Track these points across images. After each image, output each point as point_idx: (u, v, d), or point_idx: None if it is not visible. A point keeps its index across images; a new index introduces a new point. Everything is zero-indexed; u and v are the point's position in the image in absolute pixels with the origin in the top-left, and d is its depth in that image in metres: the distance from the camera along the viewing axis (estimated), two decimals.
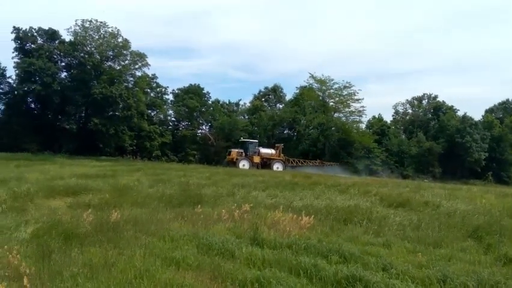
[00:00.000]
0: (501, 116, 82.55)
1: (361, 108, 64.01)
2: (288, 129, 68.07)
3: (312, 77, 64.56)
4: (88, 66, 51.67)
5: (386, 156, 67.06)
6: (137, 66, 56.20)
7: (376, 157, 64.27)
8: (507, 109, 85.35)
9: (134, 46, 55.52)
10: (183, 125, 67.63)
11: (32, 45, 52.30)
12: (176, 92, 67.98)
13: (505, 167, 72.35)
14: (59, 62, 54.78)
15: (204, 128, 68.89)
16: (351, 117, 65.01)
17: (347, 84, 63.27)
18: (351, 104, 64.03)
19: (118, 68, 55.05)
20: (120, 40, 54.17)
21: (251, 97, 74.73)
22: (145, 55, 55.74)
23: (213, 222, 10.53)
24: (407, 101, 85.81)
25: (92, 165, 32.50)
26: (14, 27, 51.33)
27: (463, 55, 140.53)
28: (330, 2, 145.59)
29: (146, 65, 56.46)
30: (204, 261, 7.18)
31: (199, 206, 12.17)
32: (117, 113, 53.91)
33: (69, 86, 52.33)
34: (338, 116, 65.50)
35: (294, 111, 64.01)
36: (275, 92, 73.03)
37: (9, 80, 53.78)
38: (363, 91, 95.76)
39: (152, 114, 63.59)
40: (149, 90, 63.27)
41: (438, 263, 7.77)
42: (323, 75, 63.97)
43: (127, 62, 55.55)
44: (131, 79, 56.57)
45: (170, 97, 68.13)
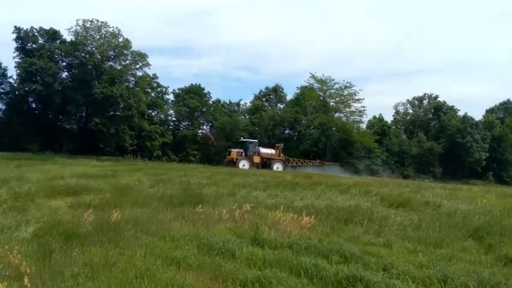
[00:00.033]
0: (502, 116, 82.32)
1: (362, 108, 64.10)
2: (289, 129, 67.95)
3: (312, 77, 64.62)
4: (89, 66, 51.68)
5: (387, 156, 66.98)
6: (138, 66, 56.24)
7: (377, 157, 64.20)
8: (508, 109, 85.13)
9: (135, 46, 55.68)
10: (184, 125, 67.56)
11: (33, 45, 52.34)
12: (177, 91, 68.02)
13: (505, 167, 72.15)
14: (60, 61, 54.84)
15: (205, 128, 68.91)
16: (352, 117, 65.03)
17: (348, 84, 63.32)
18: (352, 104, 64.05)
19: (119, 67, 55.06)
20: (121, 40, 54.20)
21: (252, 97, 74.83)
22: (145, 55, 55.86)
23: (213, 222, 10.52)
24: (408, 101, 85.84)
25: (92, 165, 32.50)
26: (15, 27, 51.51)
27: (463, 55, 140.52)
28: (330, 1, 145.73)
29: (147, 64, 56.56)
30: (205, 261, 7.18)
31: (200, 205, 12.17)
32: (118, 113, 53.96)
33: (70, 86, 52.38)
34: (338, 116, 65.41)
35: (294, 111, 63.89)
36: (276, 92, 72.96)
37: (10, 79, 53.96)
38: (364, 91, 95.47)
39: (153, 114, 63.56)
40: (150, 90, 63.24)
41: (439, 263, 7.77)
42: (323, 75, 64.03)
43: (127, 61, 55.57)
44: (132, 79, 56.57)
45: (171, 97, 68.25)
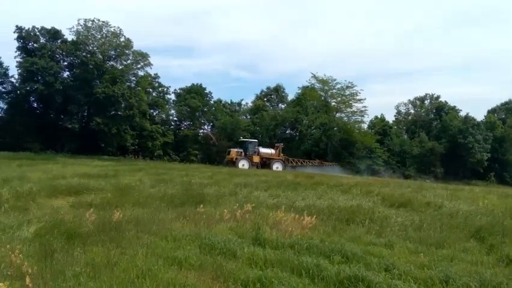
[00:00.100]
0: (503, 116, 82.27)
1: (363, 108, 63.99)
2: (290, 129, 67.95)
3: (314, 77, 64.64)
4: (90, 66, 51.58)
5: (388, 157, 67.02)
6: (139, 66, 56.10)
7: (378, 157, 64.20)
8: (509, 110, 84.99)
9: (136, 46, 55.64)
10: (185, 125, 67.60)
11: (34, 45, 52.32)
12: (178, 91, 68.06)
13: (507, 167, 72.10)
14: (62, 61, 54.74)
15: (206, 127, 68.93)
16: (353, 117, 64.94)
17: (349, 84, 63.30)
18: (353, 104, 63.99)
19: (120, 67, 54.94)
20: (122, 40, 54.08)
21: (253, 97, 74.94)
22: (147, 55, 55.72)
23: (215, 222, 10.52)
24: (409, 101, 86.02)
25: (94, 164, 32.51)
26: (16, 26, 51.48)
27: (465, 55, 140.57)
28: (330, 1, 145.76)
29: (149, 64, 56.39)
30: (206, 261, 7.18)
31: (201, 205, 12.18)
32: (119, 113, 53.95)
33: (71, 86, 52.30)
34: (340, 116, 65.33)
35: (296, 111, 63.83)
36: (277, 92, 72.93)
37: (12, 79, 53.86)
38: (365, 91, 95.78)
39: (154, 113, 63.61)
40: (151, 89, 63.31)
41: (441, 263, 7.77)
42: (325, 75, 64.01)
43: (129, 61, 55.43)
44: (133, 79, 56.47)
45: (173, 97, 68.27)
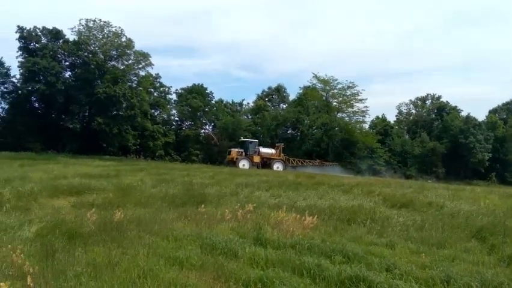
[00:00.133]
0: (505, 116, 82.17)
1: (364, 109, 63.92)
2: (291, 129, 67.90)
3: (315, 77, 64.60)
4: (92, 66, 51.66)
5: (389, 157, 66.99)
6: (140, 66, 56.16)
7: (379, 157, 64.19)
8: (511, 110, 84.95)
9: (136, 46, 55.63)
10: (186, 125, 67.67)
11: (36, 45, 52.38)
12: (179, 91, 68.13)
13: (508, 167, 72.00)
14: (63, 61, 54.76)
15: (207, 127, 69.01)
16: (355, 117, 64.89)
17: (351, 84, 63.26)
18: (355, 104, 63.92)
19: (122, 67, 54.97)
20: (124, 40, 54.08)
21: (254, 97, 74.91)
22: (148, 55, 55.73)
23: (216, 222, 10.51)
24: (411, 101, 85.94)
25: (95, 164, 32.52)
26: (18, 26, 51.49)
27: (465, 55, 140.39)
28: (330, 1, 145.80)
29: (150, 64, 56.42)
30: (208, 261, 7.17)
31: (203, 205, 12.17)
32: (121, 113, 53.98)
33: (73, 86, 52.36)
34: (341, 116, 65.29)
35: (297, 111, 63.82)
36: (278, 91, 72.92)
37: (14, 79, 53.95)
38: (367, 91, 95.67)
39: (155, 113, 63.66)
40: (152, 89, 63.37)
41: (442, 263, 7.76)
42: (326, 75, 63.95)
43: (130, 61, 55.44)
44: (134, 79, 56.53)
45: (174, 97, 68.32)
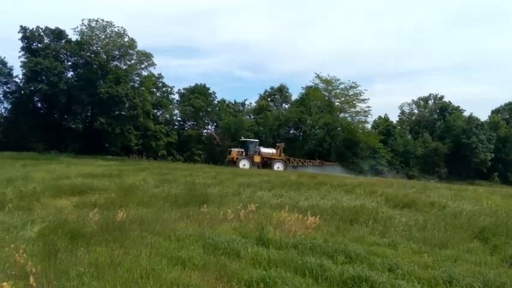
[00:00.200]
0: (507, 116, 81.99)
1: (367, 109, 64.07)
2: (294, 129, 67.95)
3: (318, 77, 64.64)
4: (94, 66, 51.76)
5: (392, 157, 66.88)
6: (143, 66, 56.24)
7: (382, 157, 64.14)
8: None
9: (138, 46, 55.72)
10: (189, 125, 67.70)
11: (38, 45, 52.51)
12: (182, 91, 68.15)
13: (511, 167, 71.83)
14: (66, 61, 54.94)
15: (210, 127, 69.09)
16: (357, 118, 65.00)
17: (353, 84, 63.36)
18: (357, 104, 64.04)
19: (124, 67, 55.11)
20: (126, 40, 54.20)
21: (257, 97, 74.88)
22: (151, 55, 55.81)
23: (218, 222, 10.50)
24: (413, 101, 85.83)
25: (98, 164, 32.58)
26: (21, 26, 51.65)
27: (465, 55, 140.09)
28: (330, 1, 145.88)
29: (152, 64, 56.54)
30: (210, 261, 7.17)
31: (205, 205, 12.16)
32: (123, 113, 54.03)
33: (75, 86, 52.48)
34: (343, 116, 65.38)
35: (299, 111, 63.87)
36: (281, 91, 72.88)
37: (16, 79, 54.24)
38: (369, 91, 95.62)
39: (158, 113, 63.72)
40: (155, 89, 63.43)
41: (444, 264, 7.75)
42: (328, 75, 64.06)
43: (133, 61, 55.56)
44: (137, 79, 56.61)
45: (176, 97, 68.36)
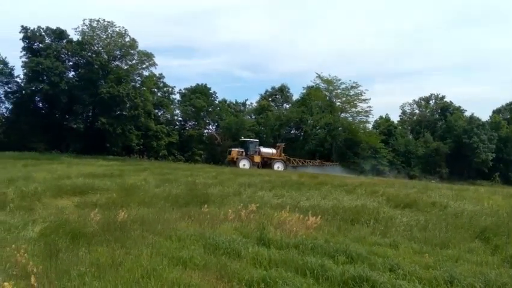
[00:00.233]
0: (508, 116, 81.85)
1: (368, 109, 64.11)
2: (295, 129, 67.95)
3: (319, 77, 64.70)
4: (96, 66, 51.80)
5: (393, 157, 66.85)
6: (144, 66, 56.29)
7: (383, 157, 64.11)
8: None
9: (140, 46, 55.77)
10: (190, 125, 67.73)
11: (40, 45, 52.62)
12: (183, 91, 68.27)
13: None
14: (67, 61, 55.06)
15: (211, 127, 69.14)
16: (358, 118, 65.03)
17: (354, 84, 63.41)
18: (358, 104, 64.10)
19: (125, 67, 55.17)
20: (127, 40, 54.27)
21: (258, 97, 74.87)
22: (152, 55, 55.86)
23: (219, 222, 10.51)
24: (414, 101, 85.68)
25: (99, 164, 32.60)
26: (22, 26, 51.79)
27: (465, 55, 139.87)
28: (331, 1, 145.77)
29: (154, 64, 56.59)
30: (211, 261, 7.18)
31: (206, 205, 12.17)
32: (124, 113, 54.11)
33: (76, 86, 52.57)
34: (344, 116, 65.38)
35: (301, 111, 63.85)
36: (282, 91, 72.87)
37: (17, 79, 54.35)
38: (370, 91, 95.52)
39: (159, 113, 63.78)
40: (156, 89, 63.44)
41: (446, 263, 7.74)
42: (329, 75, 64.11)
43: (134, 61, 55.62)
44: (138, 79, 56.64)
45: (177, 97, 68.47)
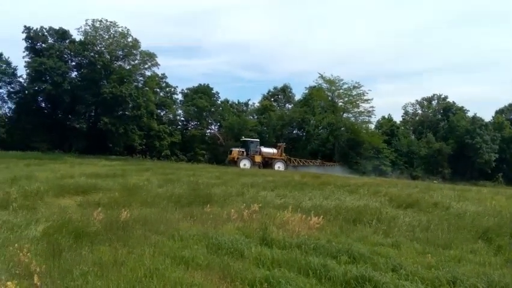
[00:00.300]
0: (511, 117, 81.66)
1: (370, 109, 64.04)
2: (297, 129, 67.84)
3: (321, 77, 64.73)
4: (98, 66, 51.92)
5: (395, 157, 66.77)
6: (146, 66, 56.47)
7: (385, 158, 64.05)
8: None
9: (143, 46, 55.90)
10: (192, 125, 67.74)
11: (42, 45, 52.76)
12: (185, 91, 68.31)
13: None
14: (70, 61, 55.14)
15: (213, 127, 69.04)
16: (361, 118, 64.96)
17: (356, 85, 63.36)
18: (361, 104, 64.03)
19: (128, 67, 55.25)
20: (130, 40, 54.37)
21: (260, 97, 74.91)
22: (154, 55, 56.02)
23: (222, 222, 10.51)
24: (417, 101, 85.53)
25: (101, 164, 32.66)
26: (25, 26, 51.92)
27: (469, 55, 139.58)
28: (332, 1, 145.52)
29: (156, 64, 56.76)
30: (213, 261, 7.18)
31: (209, 205, 12.19)
32: (127, 113, 54.23)
33: (79, 86, 52.63)
34: (347, 116, 65.30)
35: (303, 111, 63.80)
36: (284, 92, 72.90)
37: (20, 79, 54.58)
38: (373, 91, 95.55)
39: (161, 113, 63.85)
40: (158, 89, 63.58)
41: (448, 264, 7.73)
42: (332, 75, 64.06)
43: (136, 61, 55.75)
44: (140, 79, 56.84)
45: (180, 97, 68.56)
